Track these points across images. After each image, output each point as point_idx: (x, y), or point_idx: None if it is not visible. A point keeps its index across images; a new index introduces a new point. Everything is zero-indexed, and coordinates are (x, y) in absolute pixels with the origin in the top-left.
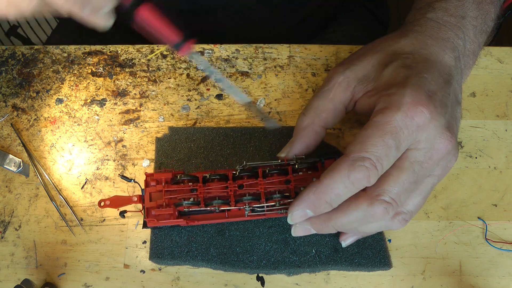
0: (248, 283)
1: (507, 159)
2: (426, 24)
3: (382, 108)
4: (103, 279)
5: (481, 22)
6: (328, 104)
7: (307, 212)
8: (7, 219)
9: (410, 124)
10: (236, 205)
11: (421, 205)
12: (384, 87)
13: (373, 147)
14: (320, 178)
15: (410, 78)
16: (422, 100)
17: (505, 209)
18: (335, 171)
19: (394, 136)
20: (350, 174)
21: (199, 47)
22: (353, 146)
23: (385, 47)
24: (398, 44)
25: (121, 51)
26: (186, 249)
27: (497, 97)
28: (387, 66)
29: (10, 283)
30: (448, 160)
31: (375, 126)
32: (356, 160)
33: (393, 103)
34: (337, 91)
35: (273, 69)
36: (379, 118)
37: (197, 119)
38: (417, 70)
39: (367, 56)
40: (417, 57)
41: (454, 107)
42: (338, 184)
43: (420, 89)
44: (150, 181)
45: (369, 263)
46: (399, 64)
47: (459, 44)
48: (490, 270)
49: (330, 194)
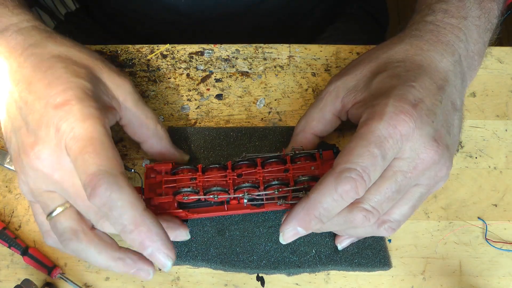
0: (248, 283)
1: (507, 159)
2: (424, 28)
3: (366, 119)
4: (103, 279)
5: (484, 21)
6: (317, 113)
7: (298, 230)
8: (7, 219)
9: (393, 133)
10: (235, 193)
11: (410, 214)
12: (370, 98)
13: (359, 158)
14: (308, 194)
15: (395, 88)
16: (405, 109)
17: (505, 209)
18: (322, 185)
19: (379, 146)
20: (337, 186)
21: (199, 47)
22: (339, 158)
23: (379, 55)
24: (391, 52)
25: (121, 51)
26: (186, 249)
27: (497, 97)
28: (376, 76)
29: (10, 283)
30: (437, 170)
31: (359, 137)
32: (342, 171)
33: (376, 114)
34: (327, 101)
35: (273, 69)
36: (363, 129)
37: (197, 119)
38: (405, 78)
39: (360, 65)
40: (408, 65)
41: (448, 115)
42: (326, 198)
43: (403, 98)
44: (150, 173)
45: (369, 263)
46: (388, 74)
47: (460, 47)
48: (490, 270)
49: (319, 209)
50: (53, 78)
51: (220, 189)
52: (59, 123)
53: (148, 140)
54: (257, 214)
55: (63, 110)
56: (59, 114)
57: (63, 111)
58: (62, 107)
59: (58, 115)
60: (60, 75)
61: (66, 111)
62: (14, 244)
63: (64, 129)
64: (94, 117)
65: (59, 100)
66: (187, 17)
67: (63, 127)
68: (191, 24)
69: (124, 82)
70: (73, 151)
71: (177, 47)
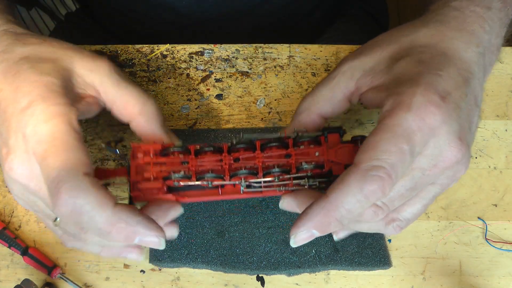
0: (248, 283)
1: (507, 159)
2: (449, 14)
3: (391, 108)
4: (103, 279)
5: (504, 15)
6: (328, 92)
7: (313, 233)
8: (7, 219)
9: (422, 126)
10: (231, 179)
11: (420, 213)
12: (393, 84)
13: (386, 154)
14: (326, 194)
15: (422, 75)
16: (434, 100)
17: (505, 209)
18: (345, 184)
19: (407, 140)
20: (363, 186)
21: (199, 47)
22: (362, 154)
23: (400, 37)
24: (415, 35)
25: (121, 51)
26: (186, 251)
27: (497, 97)
28: (399, 61)
29: (10, 283)
30: (456, 170)
31: (385, 129)
32: (368, 169)
33: (403, 103)
34: (340, 80)
35: (273, 69)
36: (389, 120)
37: (197, 119)
38: (431, 66)
39: (380, 47)
40: (433, 51)
41: (471, 110)
42: (349, 199)
43: (432, 87)
44: (137, 153)
45: (369, 262)
46: (413, 59)
47: (484, 39)
48: (490, 270)
49: (340, 211)
50: (20, 81)
51: (215, 176)
52: (24, 128)
53: (135, 119)
54: (256, 215)
55: (27, 113)
56: (24, 118)
57: (27, 115)
58: (26, 110)
59: (23, 120)
60: (26, 76)
61: (30, 114)
62: (14, 244)
63: (28, 133)
64: (58, 115)
65: (24, 104)
66: (187, 18)
67: (28, 131)
68: (191, 24)
69: (99, 65)
70: (38, 156)
71: (177, 47)
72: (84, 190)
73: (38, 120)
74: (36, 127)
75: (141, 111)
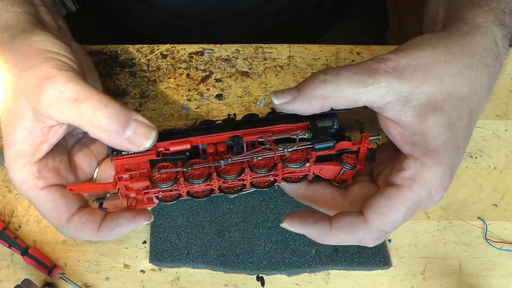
0: (248, 283)
1: (507, 159)
2: (488, 48)
3: (411, 181)
4: (103, 279)
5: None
6: (354, 92)
7: (297, 232)
8: (7, 219)
9: (429, 202)
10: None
11: (399, 225)
12: (420, 142)
13: (394, 223)
14: (331, 224)
15: (446, 149)
16: (447, 182)
17: (505, 209)
18: (350, 231)
19: (413, 211)
20: (363, 239)
21: (199, 47)
22: (375, 214)
23: (443, 74)
24: (457, 79)
25: (121, 51)
26: (186, 251)
27: (497, 97)
28: (434, 113)
29: (10, 283)
30: (441, 194)
31: (400, 201)
32: (375, 232)
33: (422, 179)
34: (371, 92)
35: (273, 69)
36: (406, 192)
37: (197, 119)
38: (456, 135)
39: (420, 74)
40: (466, 109)
41: (466, 135)
42: (346, 238)
43: (450, 170)
44: (121, 173)
45: (369, 262)
46: (446, 119)
47: (498, 69)
48: (490, 270)
49: (332, 241)
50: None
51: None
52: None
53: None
54: (256, 215)
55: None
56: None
57: None
58: None
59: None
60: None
61: None
62: (14, 244)
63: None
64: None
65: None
66: (187, 18)
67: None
68: (191, 24)
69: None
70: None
71: (177, 47)
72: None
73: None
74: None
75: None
